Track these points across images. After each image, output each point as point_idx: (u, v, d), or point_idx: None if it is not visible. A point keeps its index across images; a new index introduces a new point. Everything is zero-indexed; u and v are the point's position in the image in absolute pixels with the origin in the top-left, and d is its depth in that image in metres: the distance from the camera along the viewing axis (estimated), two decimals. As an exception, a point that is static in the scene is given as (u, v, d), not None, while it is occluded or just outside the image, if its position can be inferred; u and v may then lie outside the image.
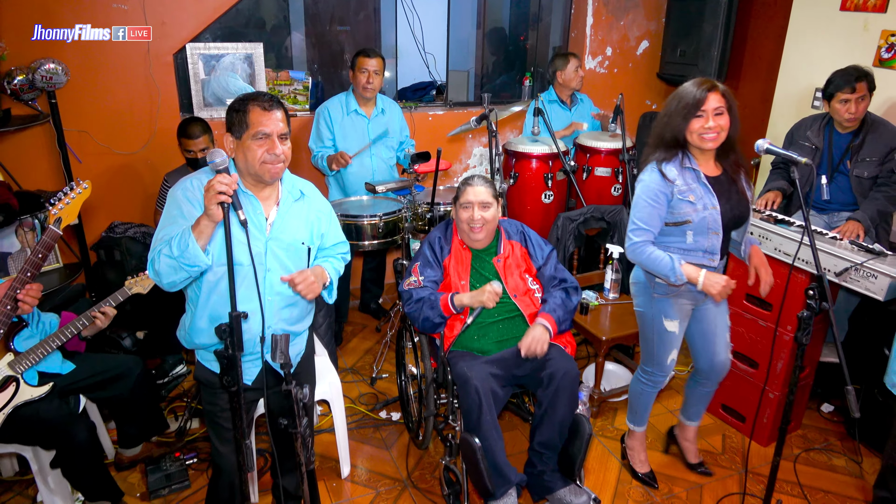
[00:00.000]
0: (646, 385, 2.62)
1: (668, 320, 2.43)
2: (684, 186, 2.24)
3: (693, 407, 2.76)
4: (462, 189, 2.61)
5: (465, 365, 2.42)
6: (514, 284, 2.62)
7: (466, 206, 2.57)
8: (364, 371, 3.58)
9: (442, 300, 2.50)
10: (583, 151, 3.99)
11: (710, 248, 2.28)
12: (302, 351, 2.22)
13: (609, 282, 3.40)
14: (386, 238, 3.30)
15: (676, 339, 2.47)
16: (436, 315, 2.50)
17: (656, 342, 2.49)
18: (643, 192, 2.28)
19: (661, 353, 2.50)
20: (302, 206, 2.08)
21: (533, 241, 2.72)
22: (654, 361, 2.53)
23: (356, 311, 4.31)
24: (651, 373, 2.57)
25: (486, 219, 2.56)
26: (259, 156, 1.88)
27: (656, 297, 2.43)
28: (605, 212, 3.53)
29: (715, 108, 2.17)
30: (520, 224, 2.79)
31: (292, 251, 2.03)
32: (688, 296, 2.40)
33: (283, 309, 2.04)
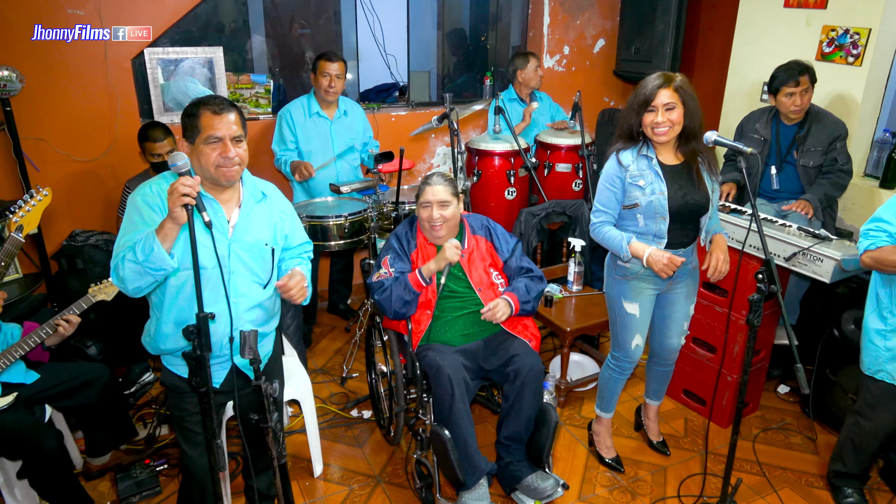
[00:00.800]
0: (613, 371, 2.68)
1: (627, 302, 2.51)
2: (636, 172, 2.33)
3: (651, 385, 2.86)
4: (421, 188, 2.64)
5: (436, 355, 2.45)
6: (478, 278, 2.66)
7: (426, 205, 2.61)
8: (334, 371, 3.58)
9: (410, 276, 2.54)
10: (543, 148, 4.05)
11: (658, 232, 2.37)
12: (270, 352, 2.22)
13: (572, 274, 3.47)
14: (352, 238, 3.31)
15: (638, 324, 2.54)
16: (407, 292, 2.53)
17: (619, 324, 2.57)
18: (603, 178, 2.41)
19: (623, 335, 2.57)
20: (264, 207, 2.08)
21: (498, 234, 2.77)
22: (620, 345, 2.60)
23: (325, 312, 4.30)
24: (619, 359, 2.64)
25: (445, 217, 2.60)
26: (213, 160, 1.88)
27: (616, 278, 2.52)
28: (566, 206, 3.60)
29: (665, 104, 2.25)
30: (484, 218, 2.83)
31: (255, 253, 2.03)
32: (648, 280, 2.48)
33: (249, 311, 2.04)
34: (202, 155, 1.88)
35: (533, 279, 2.69)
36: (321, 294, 4.36)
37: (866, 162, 3.54)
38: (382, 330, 2.86)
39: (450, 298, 2.63)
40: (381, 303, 2.59)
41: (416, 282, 2.53)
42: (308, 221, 3.23)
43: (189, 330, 1.63)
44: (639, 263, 2.43)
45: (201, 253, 1.86)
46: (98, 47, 3.43)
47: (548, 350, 3.76)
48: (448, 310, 2.62)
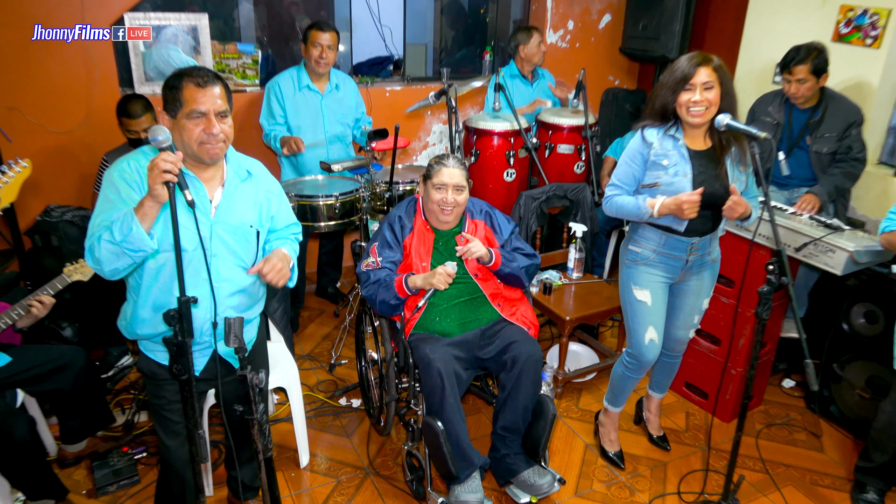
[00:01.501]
0: (627, 369, 2.65)
1: (637, 288, 2.48)
2: (661, 150, 2.31)
3: (656, 377, 2.85)
4: (436, 168, 2.59)
5: (426, 347, 2.43)
6: (475, 264, 2.63)
7: (440, 187, 2.56)
8: (322, 358, 3.57)
9: (396, 282, 2.50)
10: (545, 128, 4.02)
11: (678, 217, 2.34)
12: (254, 338, 2.20)
13: (572, 261, 3.45)
14: (343, 219, 3.28)
15: (650, 313, 2.50)
16: (391, 297, 2.50)
17: (629, 313, 2.55)
18: (625, 153, 2.41)
19: (636, 326, 2.53)
20: (249, 186, 2.04)
21: (497, 218, 2.74)
22: (633, 341, 2.57)
23: (313, 295, 4.28)
24: (633, 356, 2.60)
25: (458, 202, 2.56)
26: (196, 136, 1.84)
27: (627, 263, 2.51)
28: (567, 189, 3.57)
29: (704, 83, 2.22)
30: (486, 204, 2.80)
31: (239, 235, 1.99)
32: (659, 266, 2.46)
33: (232, 296, 2.01)
34: (184, 130, 1.84)
35: (524, 255, 2.67)
36: (309, 277, 4.33)
37: (881, 149, 3.51)
38: (374, 316, 2.84)
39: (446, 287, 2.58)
40: (368, 297, 2.57)
41: (401, 289, 2.51)
42: (297, 201, 3.19)
43: (170, 314, 1.60)
44: (650, 248, 2.42)
45: (182, 234, 1.81)
46: (75, 11, 3.34)
47: (545, 339, 3.75)
48: (444, 297, 2.59)
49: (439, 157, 2.62)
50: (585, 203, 3.57)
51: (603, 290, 3.37)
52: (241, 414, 1.71)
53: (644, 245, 2.44)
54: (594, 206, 3.62)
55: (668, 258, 2.43)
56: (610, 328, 3.93)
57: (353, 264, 4.43)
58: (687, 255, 2.44)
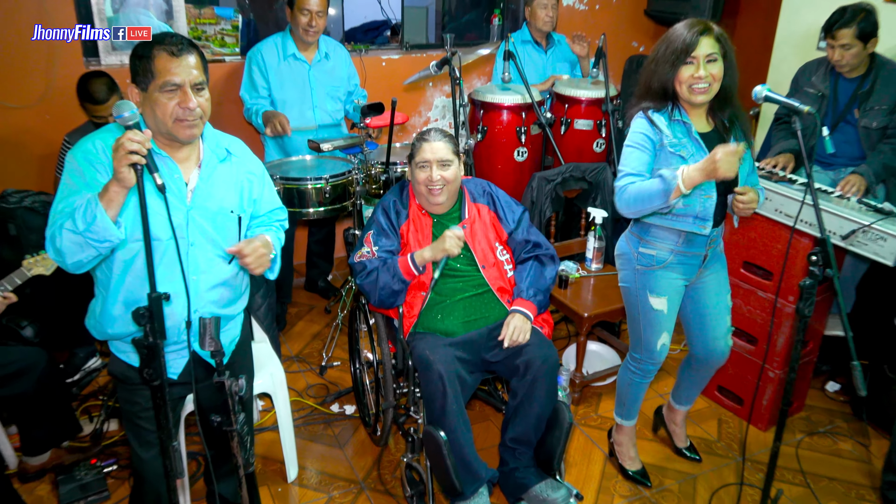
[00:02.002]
0: (635, 375, 2.64)
1: (654, 296, 2.46)
2: (676, 140, 2.26)
3: (685, 391, 2.83)
4: (417, 146, 2.59)
5: (426, 347, 2.43)
6: (482, 254, 2.62)
7: (423, 165, 2.56)
8: (312, 359, 3.57)
9: (401, 262, 2.51)
10: (560, 101, 3.99)
11: (701, 212, 2.31)
12: (237, 337, 2.20)
13: (591, 251, 3.44)
14: (334, 204, 3.27)
15: (666, 321, 2.50)
16: (396, 281, 2.50)
17: (642, 322, 2.52)
18: (630, 140, 2.32)
19: (649, 335, 2.53)
20: (229, 167, 2.04)
21: (502, 201, 2.72)
22: (642, 346, 2.56)
23: (301, 289, 4.28)
24: (640, 360, 2.60)
25: (446, 178, 2.55)
26: (170, 111, 1.83)
27: (640, 269, 2.46)
28: (586, 170, 3.55)
29: (707, 55, 2.18)
30: (485, 183, 2.79)
31: (219, 221, 1.99)
32: (678, 269, 2.43)
33: (212, 290, 2.01)
34: (157, 105, 1.83)
35: (542, 260, 2.65)
36: (297, 269, 4.33)
37: (939, 124, 3.47)
38: (369, 312, 2.83)
39: (449, 278, 2.59)
40: (364, 288, 2.56)
41: (408, 269, 2.50)
42: (282, 184, 3.18)
43: (139, 313, 1.60)
44: (666, 248, 2.39)
45: (154, 222, 1.82)
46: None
47: (561, 338, 3.75)
48: (446, 292, 2.58)
49: (421, 133, 2.63)
50: (606, 185, 3.55)
51: (625, 284, 3.35)
52: (218, 425, 1.71)
53: (659, 246, 2.40)
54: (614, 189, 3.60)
55: (686, 257, 2.40)
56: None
57: (345, 255, 4.42)
58: (706, 250, 2.42)
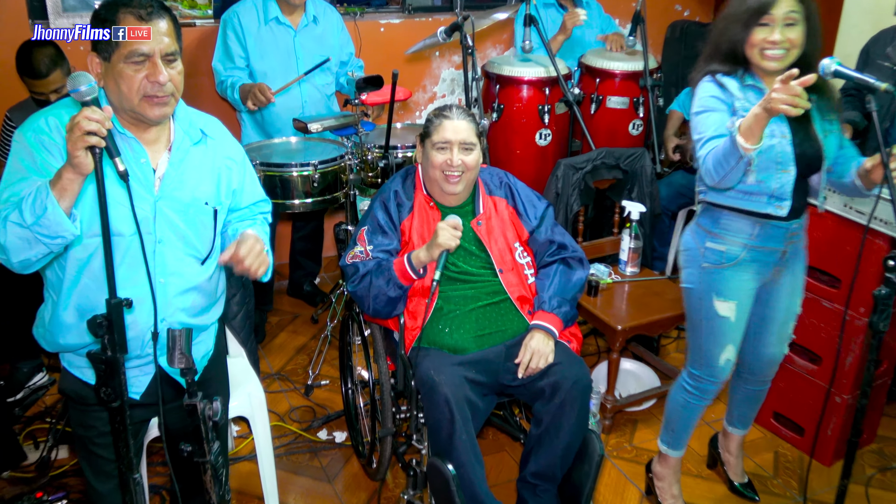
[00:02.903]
0: (691, 395, 2.64)
1: (721, 300, 2.47)
2: (749, 105, 2.26)
3: (737, 409, 2.84)
4: (435, 123, 2.58)
5: (431, 366, 2.43)
6: (499, 255, 2.62)
7: (442, 146, 2.55)
8: (296, 377, 3.58)
9: (396, 264, 2.50)
10: (591, 75, 3.99)
11: (778, 190, 2.31)
12: (210, 351, 2.20)
13: (626, 252, 3.43)
14: (323, 195, 3.28)
15: (732, 330, 2.50)
16: (392, 286, 2.49)
17: (704, 330, 2.53)
18: (698, 105, 2.34)
19: (711, 346, 2.52)
20: (204, 151, 2.04)
21: (522, 195, 2.72)
22: (702, 360, 2.56)
23: (284, 295, 4.29)
24: (698, 377, 2.59)
25: (467, 164, 2.55)
26: (137, 86, 1.83)
27: (706, 267, 2.47)
28: (620, 157, 3.54)
29: (786, 17, 2.20)
30: (502, 172, 2.79)
31: (192, 215, 2.00)
32: (751, 268, 2.44)
33: (182, 295, 2.02)
34: (122, 78, 1.83)
35: (570, 264, 2.65)
36: (280, 270, 4.34)
37: None
38: (363, 323, 2.83)
39: (459, 283, 2.59)
40: (357, 295, 2.57)
41: (404, 272, 2.49)
42: (263, 171, 3.19)
43: (96, 322, 1.60)
44: (738, 243, 2.39)
45: (115, 214, 1.82)
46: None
47: (590, 354, 3.75)
48: (457, 300, 2.59)
49: (440, 109, 2.63)
50: (644, 175, 3.55)
51: (666, 291, 3.35)
52: (189, 455, 1.71)
53: (730, 240, 2.41)
54: (655, 179, 3.60)
55: (762, 253, 2.41)
56: (674, 340, 3.93)
57: (336, 254, 4.42)
58: (785, 245, 2.42)
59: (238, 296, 3.11)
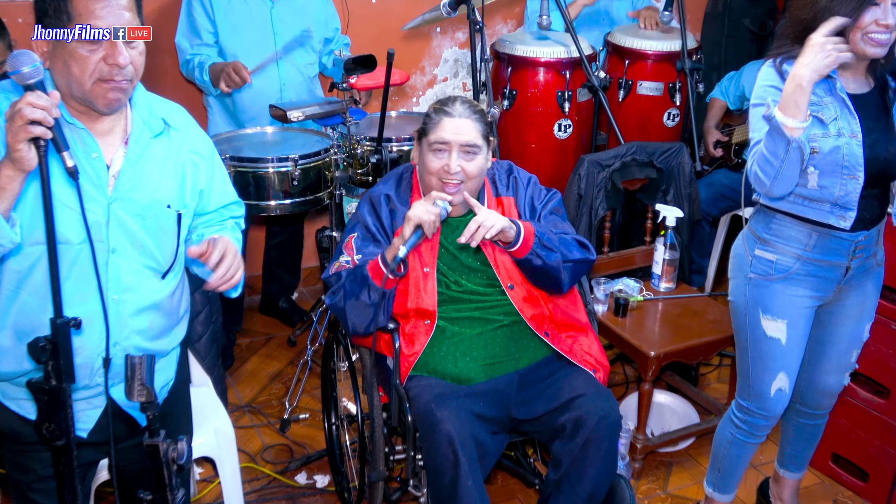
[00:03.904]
0: (739, 430, 2.65)
1: (769, 318, 2.47)
2: (814, 98, 2.26)
3: (790, 447, 2.84)
4: (434, 119, 2.56)
5: (432, 399, 2.42)
6: (508, 269, 2.62)
7: (439, 147, 2.53)
8: (270, 410, 3.58)
9: (371, 264, 2.47)
10: (619, 56, 4.00)
11: (842, 198, 2.31)
12: (171, 380, 2.20)
13: (660, 264, 3.43)
14: (304, 196, 3.27)
15: (784, 355, 2.49)
16: (366, 291, 2.46)
17: (751, 354, 2.54)
18: (756, 95, 2.35)
19: (759, 373, 2.53)
20: (166, 145, 2.04)
21: (525, 187, 2.71)
22: (751, 389, 2.57)
23: (256, 312, 4.29)
24: (747, 410, 2.60)
25: (468, 172, 2.52)
26: (91, 69, 1.83)
27: (752, 277, 2.48)
28: (654, 152, 3.54)
29: None
30: (506, 164, 2.78)
31: (151, 220, 1.99)
32: (809, 283, 2.43)
33: (139, 314, 2.01)
34: (73, 59, 1.83)
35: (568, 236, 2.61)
36: (251, 284, 4.33)
37: None
38: (350, 346, 2.82)
39: (462, 303, 2.59)
40: (334, 308, 2.56)
41: (376, 268, 2.45)
42: (233, 167, 3.19)
43: (38, 345, 1.60)
44: (792, 253, 2.39)
45: (62, 219, 1.82)
46: None
47: (617, 385, 3.75)
48: (461, 322, 2.59)
49: (442, 102, 2.60)
50: (682, 173, 3.55)
51: (706, 310, 3.35)
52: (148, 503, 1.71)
53: (782, 249, 2.41)
54: (694, 179, 3.60)
55: (819, 267, 2.41)
56: (716, 368, 3.92)
57: (318, 265, 4.41)
58: (848, 261, 2.42)
59: (203, 314, 3.10)
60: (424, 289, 2.56)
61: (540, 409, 2.49)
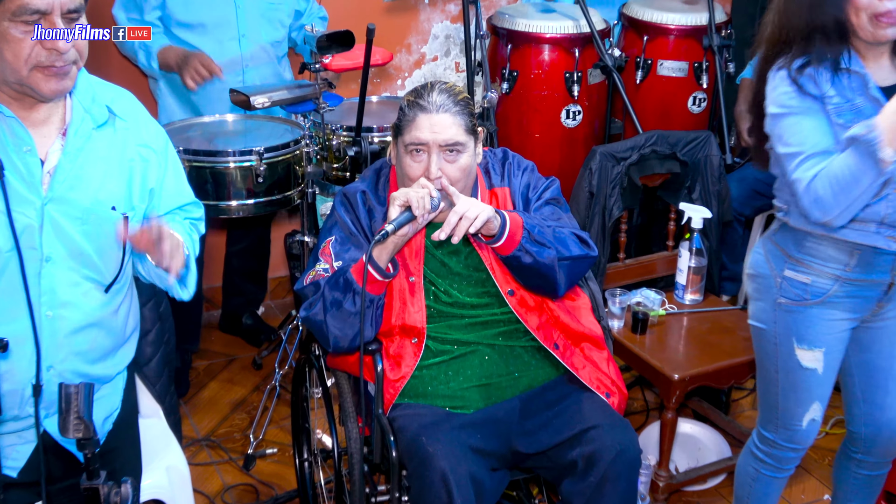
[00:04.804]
0: (763, 464, 2.65)
1: (804, 348, 2.47)
2: (841, 101, 2.26)
3: (846, 499, 2.83)
4: (408, 115, 2.52)
5: (421, 430, 2.42)
6: (503, 274, 2.61)
7: (416, 148, 2.51)
8: (232, 444, 3.59)
9: (355, 267, 2.46)
10: (636, 30, 4.02)
11: (890, 217, 2.31)
12: (116, 411, 2.20)
13: (685, 273, 3.44)
14: (271, 195, 3.28)
15: (821, 385, 2.50)
16: (350, 297, 2.44)
17: (781, 385, 2.54)
18: (778, 103, 2.32)
19: (790, 405, 2.53)
20: (111, 137, 2.04)
21: (520, 176, 2.71)
22: (778, 420, 2.57)
23: (215, 330, 4.30)
24: (772, 442, 2.61)
25: (451, 176, 2.50)
26: (27, 53, 1.83)
27: (783, 303, 2.47)
28: (677, 143, 3.55)
29: None
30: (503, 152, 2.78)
31: (93, 224, 1.99)
32: (844, 305, 2.43)
33: (77, 333, 2.01)
34: (6, 42, 1.83)
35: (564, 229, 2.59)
36: (210, 297, 4.32)
37: None
38: (325, 368, 2.82)
39: (456, 317, 2.59)
40: (310, 323, 2.55)
41: (360, 268, 2.43)
42: (188, 161, 3.18)
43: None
44: (829, 274, 2.38)
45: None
46: None
47: (635, 412, 3.77)
48: (453, 338, 2.59)
49: (415, 94, 2.56)
50: (709, 168, 3.55)
51: (739, 325, 3.35)
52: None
53: (819, 270, 2.40)
54: (724, 174, 3.60)
55: (860, 287, 2.40)
56: (750, 393, 3.93)
57: (287, 275, 4.41)
58: (892, 276, 2.42)
59: (153, 332, 3.09)
60: (411, 301, 2.56)
61: (546, 442, 2.48)
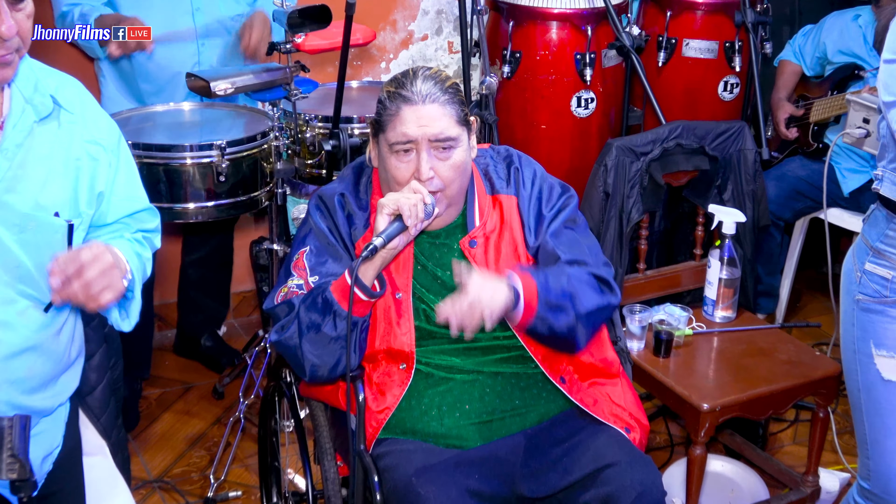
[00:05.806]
0: None
1: (883, 354, 2.45)
2: None
3: None
4: (389, 109, 2.53)
5: (411, 470, 2.42)
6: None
7: (401, 147, 2.51)
8: (189, 486, 3.59)
9: (335, 284, 2.45)
10: (658, 5, 4.04)
11: None
12: (57, 448, 2.22)
13: (715, 286, 3.46)
14: (235, 196, 3.29)
15: None
16: (330, 320, 2.44)
17: (864, 408, 2.53)
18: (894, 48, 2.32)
19: (878, 435, 2.51)
20: (55, 131, 2.05)
21: (531, 185, 2.70)
22: (868, 460, 2.55)
23: (169, 353, 4.30)
24: (870, 494, 2.58)
25: (444, 178, 2.52)
26: None
27: (861, 300, 2.48)
28: (705, 135, 3.56)
29: None
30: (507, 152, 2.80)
31: (32, 232, 2.00)
32: None
33: (13, 359, 2.02)
34: None
35: (587, 283, 2.58)
36: (164, 315, 4.33)
37: None
38: (298, 398, 2.84)
39: (450, 339, 2.55)
40: (283, 347, 2.55)
41: (343, 286, 2.43)
42: (139, 158, 3.17)
43: None
44: None
45: None
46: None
47: (658, 448, 3.78)
48: (447, 364, 2.60)
49: (396, 83, 2.56)
50: (743, 164, 3.57)
51: (778, 347, 3.37)
52: None
53: None
54: (760, 171, 3.61)
55: None
56: (791, 425, 3.95)
57: (253, 289, 4.41)
58: None
59: (97, 357, 3.10)
60: (398, 322, 2.56)
61: (556, 484, 2.48)
